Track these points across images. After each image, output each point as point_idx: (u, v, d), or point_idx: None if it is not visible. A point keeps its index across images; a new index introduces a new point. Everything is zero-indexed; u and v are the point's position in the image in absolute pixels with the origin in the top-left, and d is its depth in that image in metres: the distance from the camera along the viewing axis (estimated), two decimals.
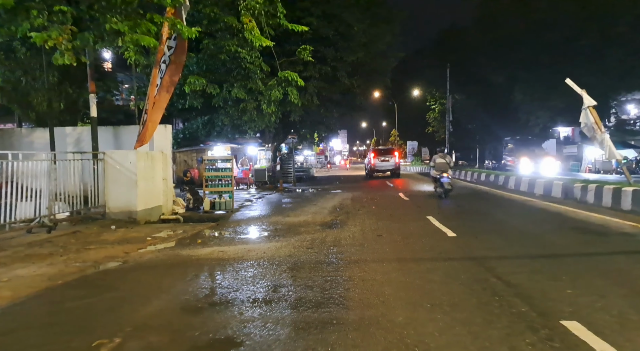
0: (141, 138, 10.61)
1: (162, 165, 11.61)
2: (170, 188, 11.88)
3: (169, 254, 6.91)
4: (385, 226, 9.51)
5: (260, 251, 6.96)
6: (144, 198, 10.59)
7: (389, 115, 71.99)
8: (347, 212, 12.11)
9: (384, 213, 11.75)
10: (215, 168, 12.35)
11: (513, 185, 16.82)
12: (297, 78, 12.62)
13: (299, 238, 8.24)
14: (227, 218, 11.49)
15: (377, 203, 14.27)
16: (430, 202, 14.09)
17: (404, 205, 13.67)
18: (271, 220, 10.85)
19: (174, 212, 12.01)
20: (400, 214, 11.40)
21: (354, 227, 9.42)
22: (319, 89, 20.38)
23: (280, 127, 22.63)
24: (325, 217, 11.18)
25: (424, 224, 9.58)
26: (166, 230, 9.54)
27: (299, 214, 11.86)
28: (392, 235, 8.37)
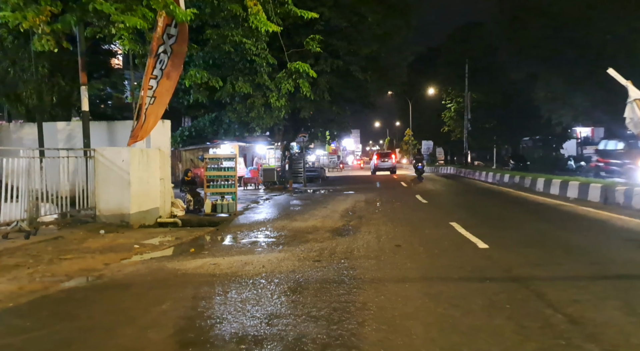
0: (135, 134, 9.69)
1: (160, 164, 10.68)
2: (168, 189, 10.96)
3: (153, 267, 5.94)
4: (403, 233, 8.45)
5: (258, 264, 5.95)
6: (138, 200, 9.67)
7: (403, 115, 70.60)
8: (360, 216, 11.06)
9: (402, 217, 10.68)
10: (218, 167, 11.39)
11: (542, 187, 15.58)
12: (308, 69, 11.62)
13: (305, 247, 7.23)
14: (228, 222, 10.51)
15: (394, 206, 13.19)
16: (453, 206, 12.99)
17: (423, 208, 12.57)
18: (277, 225, 9.85)
19: (173, 214, 11.08)
20: (420, 219, 10.32)
21: (368, 234, 8.37)
22: (330, 85, 19.37)
23: (290, 124, 21.66)
24: (337, 222, 10.15)
25: (448, 232, 8.49)
26: (160, 235, 8.60)
27: (307, 218, 10.85)
28: (412, 245, 7.30)
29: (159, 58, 9.76)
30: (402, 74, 21.50)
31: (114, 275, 5.58)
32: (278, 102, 12.88)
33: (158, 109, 10.10)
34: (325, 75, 18.71)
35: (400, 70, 21.42)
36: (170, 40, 9.76)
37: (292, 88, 12.14)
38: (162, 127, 10.78)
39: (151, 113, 9.93)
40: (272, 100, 12.84)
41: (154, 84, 9.85)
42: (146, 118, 9.84)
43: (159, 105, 10.05)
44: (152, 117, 9.99)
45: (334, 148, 62.72)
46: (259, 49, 12.66)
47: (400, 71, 21.42)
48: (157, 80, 9.89)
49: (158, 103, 10.01)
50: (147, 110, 9.81)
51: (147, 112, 9.82)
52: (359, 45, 18.30)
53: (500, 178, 20.27)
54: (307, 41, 12.86)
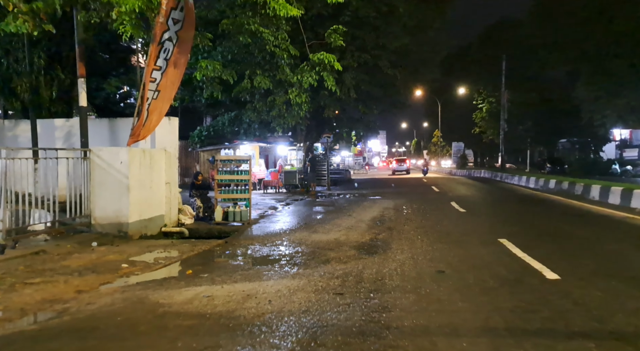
0: (136, 132, 8.56)
1: (166, 167, 9.55)
2: (175, 194, 9.82)
3: (133, 299, 4.72)
4: (444, 252, 7.02)
5: (263, 299, 4.66)
6: (138, 206, 8.54)
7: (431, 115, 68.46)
8: (389, 228, 9.67)
9: (439, 230, 9.22)
10: (230, 170, 10.19)
11: (597, 196, 13.79)
12: (333, 60, 10.31)
13: (325, 271, 5.90)
14: (240, 233, 9.28)
15: (427, 215, 11.72)
16: (497, 217, 11.44)
17: (462, 219, 11.06)
18: (294, 238, 8.56)
19: (180, 223, 9.95)
20: (461, 233, 8.84)
21: (400, 253, 6.99)
22: (357, 81, 17.99)
23: (313, 124, 20.37)
24: (363, 235, 8.79)
25: (499, 252, 7.02)
26: (159, 249, 7.42)
27: (330, 229, 9.52)
28: (458, 270, 5.88)
29: (164, 46, 8.61)
30: (434, 70, 19.92)
31: (80, 310, 4.38)
32: (298, 98, 11.59)
33: (162, 105, 8.96)
34: (351, 71, 17.36)
35: (433, 66, 19.85)
36: (175, 26, 8.61)
37: (314, 82, 10.85)
38: (168, 125, 9.65)
39: (154, 110, 8.79)
40: (291, 96, 11.55)
41: (158, 76, 8.71)
42: (149, 115, 8.72)
43: (163, 100, 8.91)
44: (156, 113, 8.86)
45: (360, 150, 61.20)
46: (279, 39, 11.41)
47: (433, 67, 19.84)
48: (162, 72, 8.75)
49: (162, 98, 8.88)
50: (149, 105, 8.68)
51: (149, 108, 8.70)
52: (388, 38, 16.86)
53: (544, 184, 18.45)
54: (328, 33, 11.56)
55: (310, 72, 10.54)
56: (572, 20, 31.44)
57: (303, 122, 18.14)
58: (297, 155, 19.50)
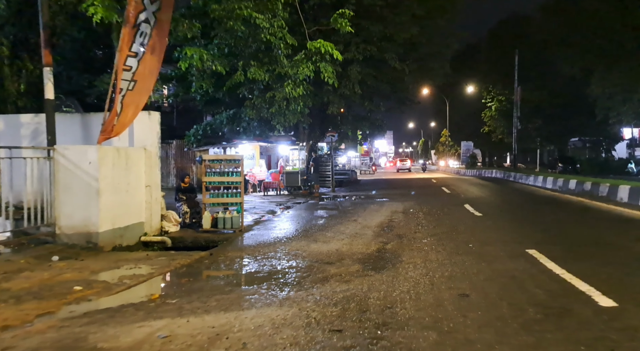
0: (107, 128, 7.50)
1: (145, 168, 8.49)
2: (157, 198, 8.74)
3: (67, 341, 3.63)
4: (464, 267, 5.89)
5: (236, 341, 3.55)
6: (111, 213, 7.48)
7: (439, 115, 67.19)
8: (399, 235, 8.53)
9: (455, 238, 8.07)
10: (220, 171, 9.10)
11: (626, 197, 12.55)
12: (332, 49, 9.19)
13: (321, 294, 4.80)
14: (230, 242, 8.19)
15: (440, 220, 10.56)
16: (518, 222, 10.26)
17: (479, 225, 9.88)
18: (290, 248, 7.46)
19: (163, 230, 8.88)
20: (482, 242, 7.68)
21: (413, 269, 5.86)
22: (362, 76, 16.84)
23: (317, 122, 19.25)
24: (369, 244, 7.67)
25: (529, 266, 5.87)
26: (129, 265, 6.34)
27: (331, 237, 8.41)
28: (486, 294, 4.75)
29: (140, 29, 7.55)
30: (445, 65, 18.72)
31: None
32: (294, 91, 10.46)
33: (139, 97, 7.90)
34: (356, 65, 16.22)
35: (443, 60, 18.66)
36: (153, 6, 7.55)
37: (311, 73, 9.73)
38: (148, 120, 8.58)
39: (130, 102, 7.73)
40: (287, 89, 10.44)
41: (133, 64, 7.64)
42: (123, 109, 7.66)
43: (140, 91, 7.85)
44: (132, 107, 7.79)
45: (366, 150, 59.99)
46: (274, 27, 10.30)
47: (443, 61, 18.66)
48: (138, 59, 7.69)
49: (139, 89, 7.81)
50: (124, 97, 7.62)
51: (124, 101, 7.64)
52: (396, 29, 15.71)
53: (563, 185, 17.19)
54: (334, 17, 10.43)
55: (307, 62, 9.42)
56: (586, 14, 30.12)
57: (305, 120, 17.03)
58: (299, 155, 18.39)
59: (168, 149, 18.78)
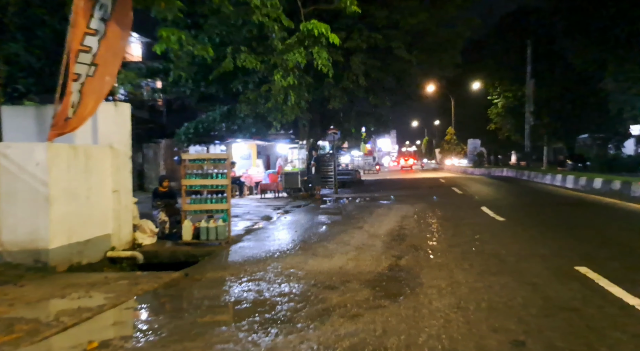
0: (59, 122, 6.19)
1: (112, 169, 7.18)
2: (127, 206, 7.43)
3: None
4: (503, 293, 4.57)
5: None
6: (66, 225, 6.18)
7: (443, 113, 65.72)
8: (414, 247, 7.20)
9: (481, 250, 6.73)
10: (202, 173, 7.77)
11: None
12: (327, 31, 7.84)
13: (319, 340, 3.48)
14: (212, 258, 6.87)
15: (459, 226, 9.21)
16: (548, 227, 8.88)
17: (505, 232, 8.52)
18: (284, 266, 6.13)
19: (137, 243, 7.56)
20: (517, 255, 6.32)
21: (438, 297, 4.54)
22: (366, 67, 15.50)
23: (317, 118, 17.92)
24: (379, 259, 6.35)
25: (589, 293, 4.53)
26: (79, 292, 5.03)
27: (334, 250, 7.09)
28: (547, 340, 3.42)
29: (99, 0, 6.23)
30: (456, 55, 17.34)
31: None
32: (284, 81, 9.13)
33: (102, 84, 6.58)
34: (359, 55, 14.88)
35: (454, 49, 17.29)
36: None
37: (303, 59, 8.38)
38: (115, 113, 7.27)
39: (90, 91, 6.42)
40: (276, 78, 9.10)
41: (93, 44, 6.33)
42: (82, 98, 6.34)
43: (102, 77, 6.53)
44: (93, 96, 6.47)
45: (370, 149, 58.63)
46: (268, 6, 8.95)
47: (454, 51, 17.29)
48: (99, 38, 6.38)
49: (101, 74, 6.49)
50: (83, 85, 6.31)
51: (83, 89, 6.32)
52: (402, 14, 14.37)
53: (587, 184, 15.77)
54: None
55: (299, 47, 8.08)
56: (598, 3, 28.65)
57: (304, 116, 15.71)
58: (299, 154, 17.09)
59: (157, 149, 17.50)
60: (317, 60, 8.30)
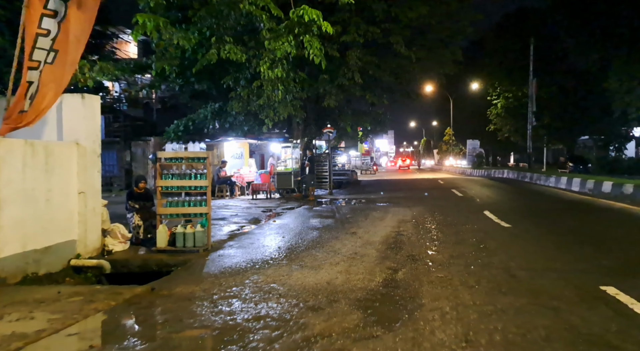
0: (12, 115, 5.46)
1: (78, 169, 6.44)
2: (95, 209, 6.69)
3: None
4: (520, 319, 3.87)
5: None
6: (20, 231, 5.46)
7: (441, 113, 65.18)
8: (412, 257, 6.50)
9: (488, 263, 6.01)
10: (180, 173, 7.04)
11: None
12: (318, 18, 7.12)
13: None
14: (187, 268, 6.14)
15: (459, 231, 8.50)
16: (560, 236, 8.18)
17: (512, 240, 7.82)
18: (265, 279, 5.41)
19: (107, 250, 6.83)
20: (526, 268, 5.62)
21: (442, 325, 3.84)
22: (363, 64, 14.79)
23: (312, 117, 17.20)
24: (372, 272, 5.65)
25: (624, 322, 3.82)
26: (20, 312, 4.32)
27: (323, 260, 6.37)
28: None
29: None
30: (457, 52, 16.61)
31: None
32: (271, 72, 8.38)
33: (63, 72, 5.85)
34: (356, 50, 14.16)
35: (455, 46, 16.60)
36: None
37: (292, 49, 7.65)
38: (81, 106, 6.52)
39: (50, 80, 5.69)
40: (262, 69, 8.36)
41: (52, 27, 5.60)
42: (40, 88, 5.62)
43: (63, 65, 5.80)
44: (52, 85, 5.74)
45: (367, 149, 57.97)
46: None
47: (455, 48, 16.57)
48: (58, 20, 5.66)
49: (62, 62, 5.76)
50: (41, 73, 5.58)
51: (42, 78, 5.59)
52: (401, 8, 13.65)
53: (594, 187, 15.05)
54: None
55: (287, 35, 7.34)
56: None
57: (298, 114, 14.97)
58: (292, 154, 16.37)
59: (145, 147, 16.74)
60: (308, 49, 7.56)
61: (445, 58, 16.67)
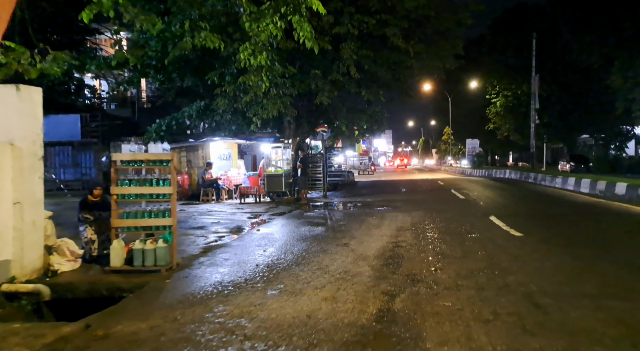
0: None
1: (14, 174, 5.39)
2: (35, 222, 5.64)
3: None
4: None
5: None
6: None
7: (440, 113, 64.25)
8: (412, 277, 5.48)
9: (502, 283, 4.99)
10: (139, 179, 6.00)
11: None
12: None
13: None
14: (142, 295, 5.09)
15: (464, 242, 7.48)
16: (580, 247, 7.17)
17: (526, 252, 6.79)
18: (232, 311, 4.38)
19: (52, 270, 5.77)
20: (552, 294, 4.60)
21: None
22: (358, 58, 13.77)
23: (304, 115, 16.17)
24: (364, 301, 4.62)
25: None
26: None
27: (306, 282, 5.35)
28: None
29: None
30: (458, 44, 15.60)
31: None
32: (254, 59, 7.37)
33: None
34: (350, 43, 13.14)
35: (455, 39, 15.56)
36: None
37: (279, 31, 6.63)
38: (16, 99, 5.47)
39: None
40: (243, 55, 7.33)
41: None
42: None
43: None
44: None
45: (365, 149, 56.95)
46: None
47: (455, 40, 15.55)
48: None
49: None
50: None
51: None
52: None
53: (606, 189, 13.87)
54: None
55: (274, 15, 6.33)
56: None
57: (288, 112, 13.94)
58: (283, 154, 15.35)
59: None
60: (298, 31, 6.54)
61: (446, 51, 15.65)
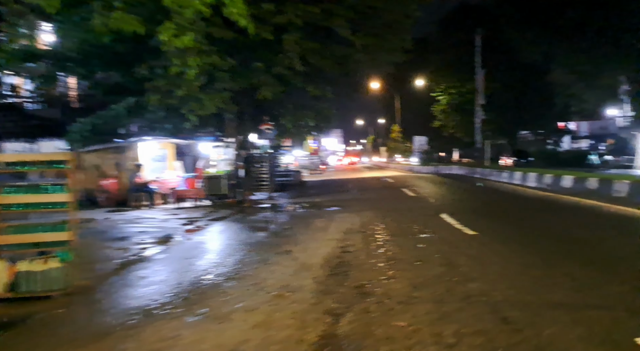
0: None
1: None
2: None
3: None
4: None
5: None
6: None
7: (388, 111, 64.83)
8: (360, 290, 4.76)
9: (462, 293, 4.34)
10: (28, 185, 4.86)
11: None
12: None
13: None
14: (23, 332, 4.01)
15: (417, 243, 6.83)
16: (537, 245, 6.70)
17: (483, 253, 6.21)
18: None
19: None
20: (522, 309, 3.95)
21: None
22: (303, 50, 12.94)
23: (247, 112, 15.13)
24: (304, 326, 3.80)
25: None
26: None
27: (237, 301, 4.49)
28: None
29: None
30: (406, 38, 15.12)
31: None
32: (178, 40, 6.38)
33: None
34: (294, 34, 12.29)
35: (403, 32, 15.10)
36: None
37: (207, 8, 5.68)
38: None
39: None
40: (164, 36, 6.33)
41: None
42: None
43: None
44: None
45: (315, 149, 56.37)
46: None
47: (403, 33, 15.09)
48: None
49: None
50: None
51: None
52: None
53: (553, 182, 13.96)
54: None
55: None
56: None
57: (228, 108, 12.90)
58: (225, 154, 14.26)
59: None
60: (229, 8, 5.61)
61: (394, 45, 15.13)
